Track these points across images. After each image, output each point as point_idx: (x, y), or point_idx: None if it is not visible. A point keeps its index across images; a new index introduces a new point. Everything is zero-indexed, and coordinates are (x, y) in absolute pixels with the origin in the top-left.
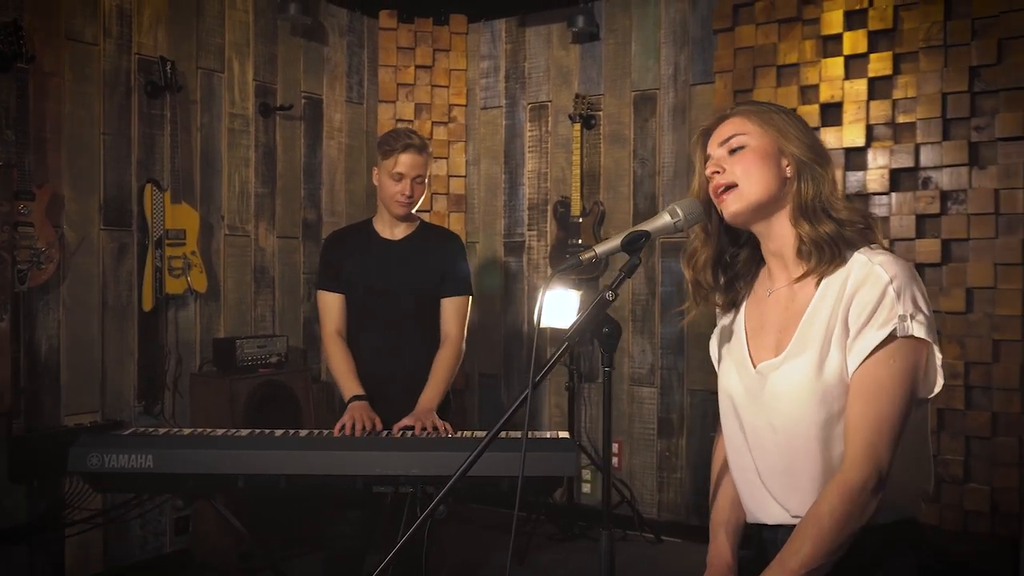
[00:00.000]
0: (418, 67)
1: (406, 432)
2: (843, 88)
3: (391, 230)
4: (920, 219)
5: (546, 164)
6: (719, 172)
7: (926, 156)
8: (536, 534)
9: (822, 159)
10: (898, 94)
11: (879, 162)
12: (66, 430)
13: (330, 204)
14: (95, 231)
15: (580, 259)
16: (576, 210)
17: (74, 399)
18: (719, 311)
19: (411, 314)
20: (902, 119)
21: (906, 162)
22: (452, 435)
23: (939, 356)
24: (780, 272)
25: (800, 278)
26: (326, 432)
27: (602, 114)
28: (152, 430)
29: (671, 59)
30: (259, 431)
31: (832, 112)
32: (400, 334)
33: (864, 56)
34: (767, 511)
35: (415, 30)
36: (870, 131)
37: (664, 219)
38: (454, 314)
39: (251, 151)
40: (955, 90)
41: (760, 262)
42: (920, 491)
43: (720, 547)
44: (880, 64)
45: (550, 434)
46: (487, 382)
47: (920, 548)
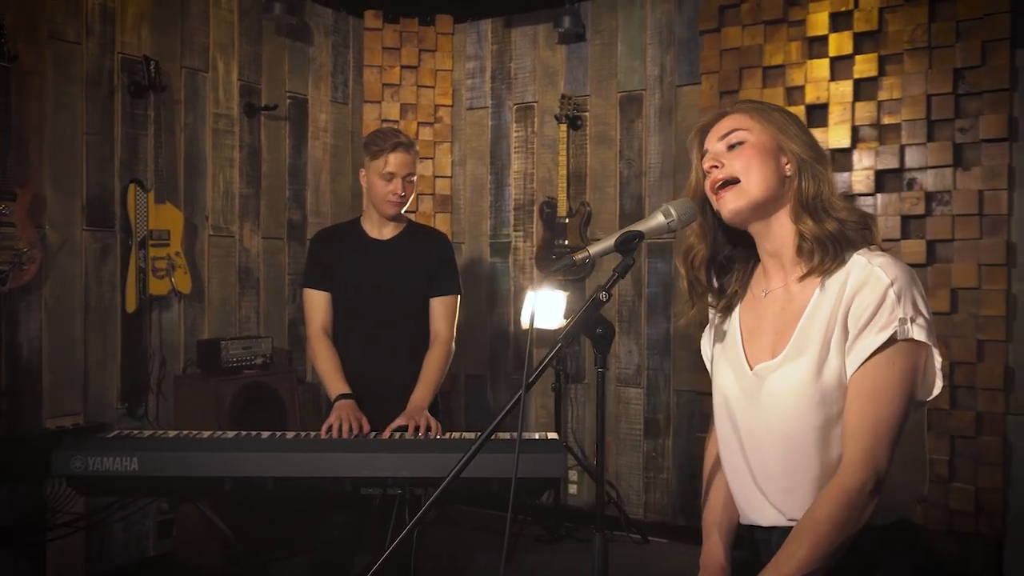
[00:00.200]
0: (404, 67)
1: (395, 433)
2: (828, 89)
3: (379, 230)
4: (905, 220)
5: (532, 165)
6: (717, 166)
7: (911, 157)
8: (523, 535)
9: (821, 158)
10: (883, 95)
11: (864, 163)
12: (48, 432)
13: (315, 205)
14: (78, 232)
15: (573, 259)
16: (562, 211)
17: (56, 401)
18: (712, 312)
19: (399, 314)
20: (887, 120)
21: (891, 163)
22: (440, 436)
23: (939, 359)
24: (777, 272)
25: (803, 278)
26: (313, 434)
27: (588, 115)
28: (137, 432)
29: (657, 60)
30: (245, 433)
31: (818, 113)
32: (388, 334)
33: (849, 58)
34: (761, 513)
35: (400, 30)
36: (855, 132)
37: (658, 219)
38: (444, 314)
39: (236, 151)
40: (939, 92)
41: (755, 262)
42: (916, 493)
43: (713, 548)
44: (865, 66)
45: (539, 435)
46: (473, 383)
47: (916, 549)
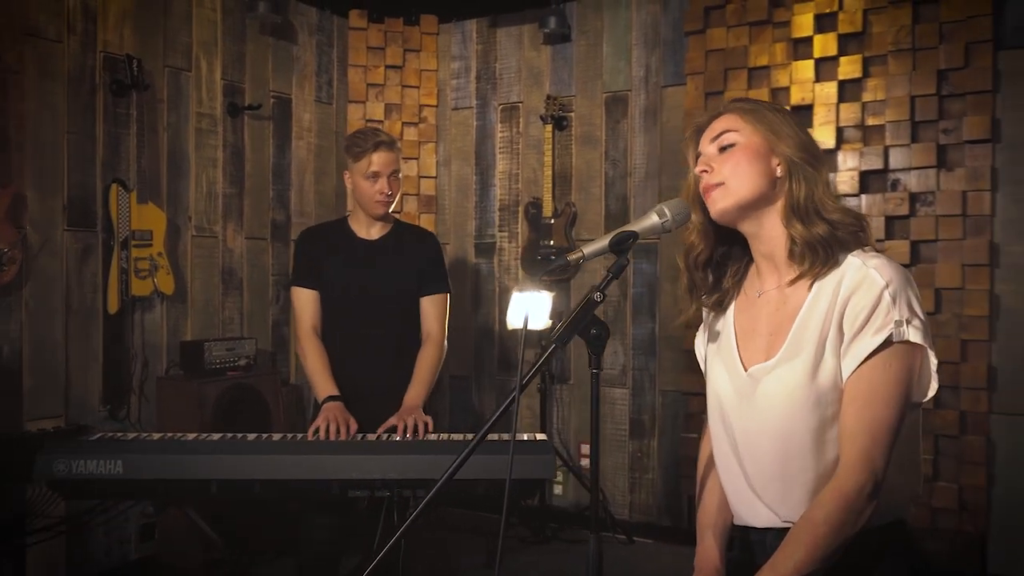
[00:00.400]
0: (388, 67)
1: (384, 435)
2: (813, 91)
3: (367, 230)
4: (889, 220)
5: (517, 165)
6: (708, 171)
7: (895, 158)
8: (509, 536)
9: (815, 159)
10: (867, 97)
11: (849, 164)
12: (29, 435)
13: (299, 205)
14: (59, 232)
15: (568, 259)
16: (548, 211)
17: (36, 404)
18: (705, 311)
19: (387, 314)
20: (871, 121)
21: (875, 164)
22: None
23: (934, 360)
24: (770, 274)
25: (793, 281)
26: (300, 436)
27: (574, 115)
28: (121, 435)
29: (642, 61)
30: (231, 435)
31: (802, 114)
32: (376, 334)
33: (834, 59)
34: (756, 514)
35: (385, 30)
36: (840, 133)
37: (652, 219)
38: (434, 313)
39: (219, 151)
40: (923, 93)
41: (749, 261)
42: (911, 493)
43: (708, 550)
44: (850, 67)
45: (527, 436)
46: (458, 384)
47: (911, 550)
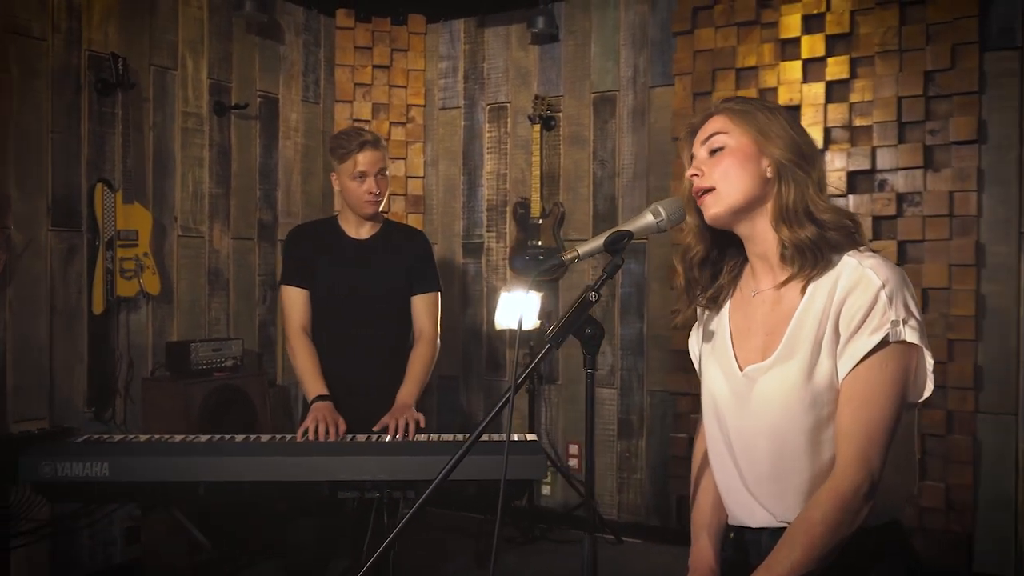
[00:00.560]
0: (375, 67)
1: (373, 436)
2: (801, 91)
3: (357, 229)
4: (876, 221)
5: (505, 165)
6: (698, 175)
7: (882, 159)
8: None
9: (806, 160)
10: (855, 97)
11: (836, 164)
12: (12, 437)
13: (286, 205)
14: (43, 232)
15: (562, 259)
16: (536, 211)
17: (20, 405)
18: (700, 310)
19: (377, 314)
20: (859, 122)
21: (863, 164)
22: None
23: (930, 361)
24: (765, 274)
25: (784, 283)
26: (289, 437)
27: (562, 115)
28: (107, 437)
29: (630, 61)
30: (219, 437)
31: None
32: (366, 334)
33: (822, 60)
34: (751, 514)
35: (373, 29)
36: (828, 134)
37: (647, 219)
38: (426, 311)
39: (205, 150)
40: (910, 94)
41: (745, 260)
42: (907, 493)
43: (702, 550)
44: (837, 68)
45: (517, 437)
46: (446, 384)
47: (907, 551)
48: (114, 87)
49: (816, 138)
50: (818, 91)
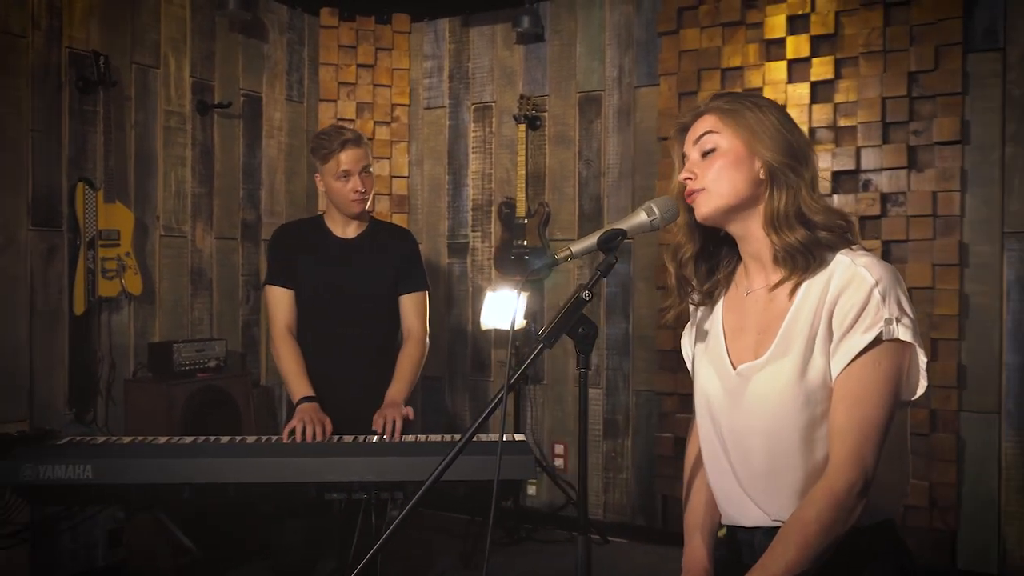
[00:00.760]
0: (360, 66)
1: (359, 437)
2: (786, 91)
3: (343, 229)
4: (861, 221)
5: (490, 165)
6: (691, 178)
7: (866, 159)
8: (484, 537)
9: (798, 160)
10: (839, 98)
11: (821, 164)
12: None
13: (270, 205)
14: (23, 232)
15: (556, 258)
16: (521, 211)
17: (0, 407)
18: (693, 309)
19: (364, 314)
20: (843, 123)
21: (847, 164)
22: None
23: (923, 359)
24: (758, 273)
25: (776, 286)
26: (275, 438)
27: (547, 115)
28: (90, 439)
29: (616, 61)
30: (204, 438)
31: None
32: (354, 333)
33: (806, 60)
34: (745, 513)
35: (357, 28)
36: (812, 134)
37: (640, 217)
38: (414, 310)
39: (188, 150)
40: (894, 95)
41: (738, 258)
42: (900, 492)
43: (696, 550)
44: (822, 68)
45: (505, 436)
46: (430, 384)
47: (901, 549)
48: (96, 85)
49: None
50: (803, 91)
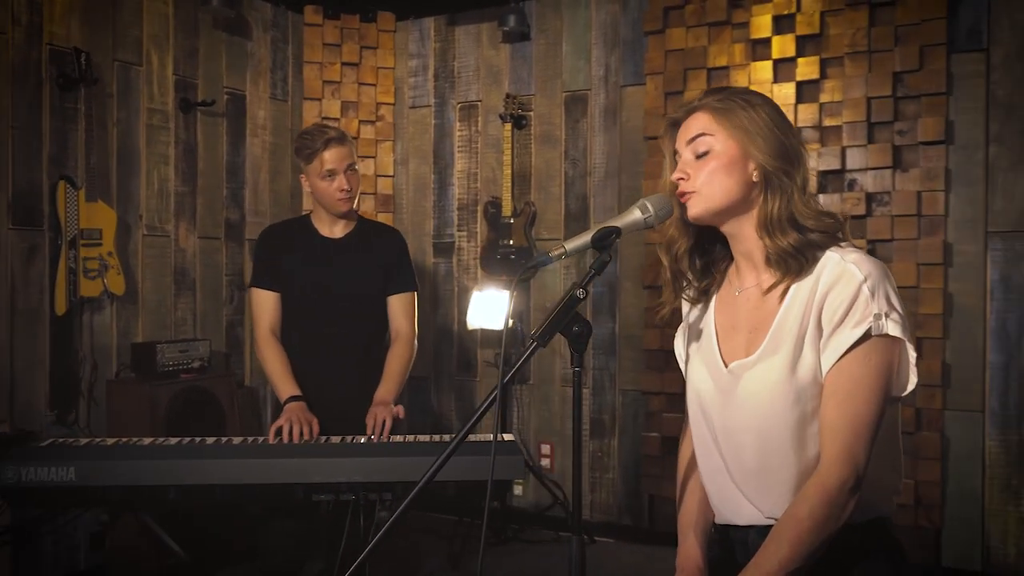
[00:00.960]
0: (344, 64)
1: (347, 437)
2: (772, 91)
3: (330, 228)
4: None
5: (476, 164)
6: (684, 179)
7: (852, 159)
8: (470, 538)
9: (790, 162)
10: (825, 98)
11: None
12: None
13: (254, 204)
14: (3, 231)
15: (550, 255)
16: (507, 211)
17: None
18: (686, 308)
19: (351, 314)
20: (828, 122)
21: (833, 164)
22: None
23: (912, 354)
24: (749, 272)
25: (769, 289)
26: (261, 439)
27: (533, 114)
28: (73, 440)
29: (602, 60)
30: (189, 439)
31: None
32: (340, 333)
33: (792, 60)
34: (739, 512)
35: (341, 27)
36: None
37: (634, 215)
38: (403, 311)
39: (171, 148)
40: (879, 95)
41: (731, 257)
42: (892, 489)
43: (690, 549)
44: (807, 68)
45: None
46: (416, 385)
47: (894, 546)
48: (77, 82)
49: None
50: (788, 91)
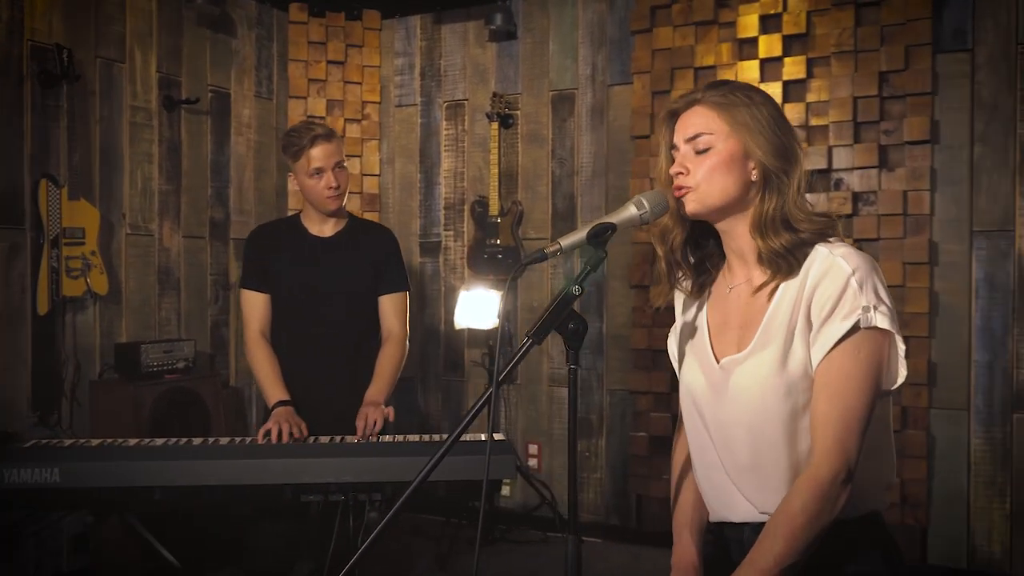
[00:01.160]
0: (330, 62)
1: (335, 438)
2: None
3: (320, 227)
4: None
5: (463, 163)
6: (683, 173)
7: (838, 158)
8: (458, 538)
9: (788, 163)
10: (811, 97)
11: None
12: None
13: (239, 203)
14: None
15: (544, 252)
16: (494, 210)
17: None
18: (679, 307)
19: (342, 314)
20: (815, 122)
21: (819, 163)
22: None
23: (902, 347)
24: (740, 269)
25: (759, 288)
26: (249, 440)
27: (520, 113)
28: (57, 441)
29: (589, 59)
30: (175, 440)
31: None
32: (329, 334)
33: (778, 60)
34: (734, 508)
35: (327, 24)
36: None
37: (630, 211)
38: (394, 311)
39: (154, 146)
40: (865, 94)
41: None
42: (885, 483)
43: (685, 548)
44: (794, 68)
45: (484, 436)
46: (403, 385)
47: (887, 542)
48: (59, 79)
49: None
50: (775, 91)
